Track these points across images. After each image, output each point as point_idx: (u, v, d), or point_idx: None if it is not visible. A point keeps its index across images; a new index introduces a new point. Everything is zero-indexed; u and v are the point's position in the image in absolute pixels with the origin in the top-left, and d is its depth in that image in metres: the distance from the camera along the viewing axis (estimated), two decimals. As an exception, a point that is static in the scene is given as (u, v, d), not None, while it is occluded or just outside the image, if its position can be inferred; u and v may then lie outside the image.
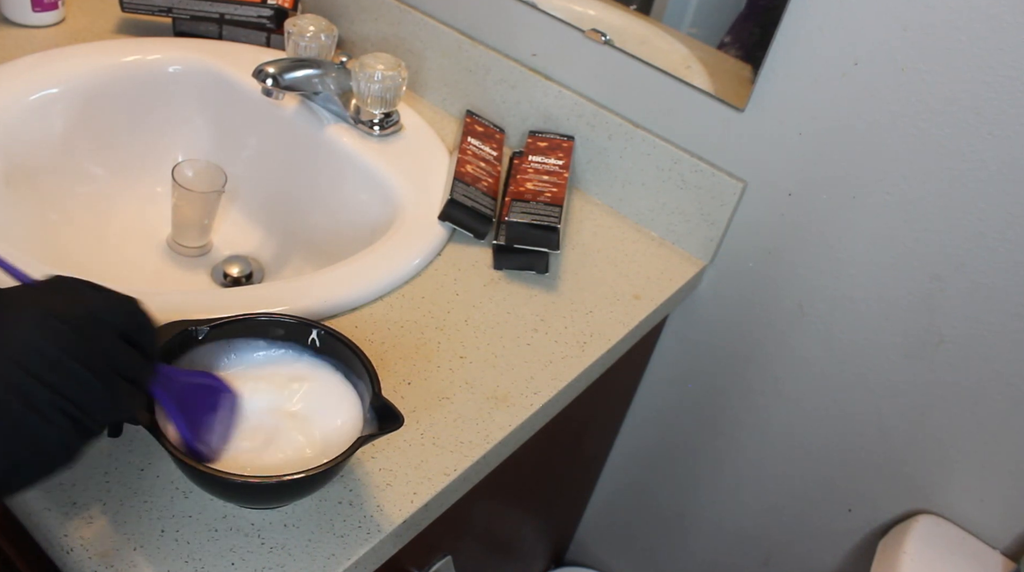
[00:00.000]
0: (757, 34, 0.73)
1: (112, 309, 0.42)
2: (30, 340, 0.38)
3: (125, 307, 0.43)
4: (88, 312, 0.41)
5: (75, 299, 0.41)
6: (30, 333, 0.38)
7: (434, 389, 0.64)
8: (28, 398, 0.37)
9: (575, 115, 0.87)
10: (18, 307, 0.39)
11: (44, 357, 0.38)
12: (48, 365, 0.38)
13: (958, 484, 0.80)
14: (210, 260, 0.88)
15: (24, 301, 0.40)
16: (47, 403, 0.38)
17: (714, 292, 0.88)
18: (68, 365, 0.39)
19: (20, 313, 0.39)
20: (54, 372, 0.38)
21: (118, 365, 0.41)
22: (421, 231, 0.76)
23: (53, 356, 0.38)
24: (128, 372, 0.42)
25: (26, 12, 0.92)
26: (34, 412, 0.37)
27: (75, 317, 0.40)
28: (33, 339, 0.38)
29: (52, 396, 0.38)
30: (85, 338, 0.40)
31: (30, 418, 0.37)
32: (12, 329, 0.38)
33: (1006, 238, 0.68)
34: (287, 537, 0.52)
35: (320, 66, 0.84)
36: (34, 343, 0.38)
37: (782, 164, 0.77)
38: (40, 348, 0.38)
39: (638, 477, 1.09)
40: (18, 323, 0.38)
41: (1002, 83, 0.63)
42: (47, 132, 0.82)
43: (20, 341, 0.38)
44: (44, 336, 0.38)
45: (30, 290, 0.41)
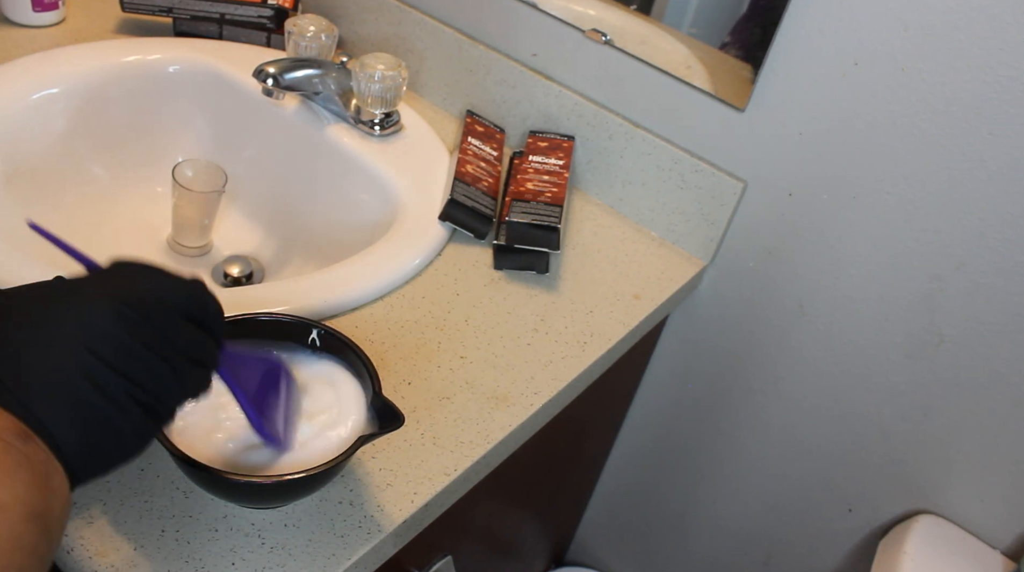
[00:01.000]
0: (758, 34, 0.73)
1: (178, 292, 0.42)
2: (101, 327, 0.38)
3: (190, 289, 0.43)
4: (155, 296, 0.41)
5: (141, 283, 0.41)
6: (101, 320, 0.38)
7: (434, 389, 0.64)
8: (102, 386, 0.37)
9: (575, 115, 0.87)
10: (86, 295, 0.39)
11: (116, 344, 0.38)
12: (120, 352, 0.38)
13: (958, 484, 0.80)
14: (210, 260, 0.88)
15: (91, 288, 0.40)
16: (121, 391, 0.38)
17: (714, 292, 0.88)
18: (139, 352, 0.39)
19: (89, 300, 0.38)
20: (126, 359, 0.38)
21: (186, 349, 0.41)
22: (421, 231, 0.76)
23: (125, 343, 0.38)
24: (196, 355, 0.42)
25: (26, 12, 0.92)
26: (108, 400, 0.37)
27: (143, 302, 0.40)
28: (104, 326, 0.38)
29: (125, 384, 0.38)
30: (154, 323, 0.40)
31: (105, 406, 0.37)
32: (82, 316, 0.38)
33: (1006, 238, 0.68)
34: (287, 537, 0.52)
35: (320, 66, 0.84)
36: (105, 330, 0.38)
37: (782, 164, 0.77)
38: (111, 335, 0.38)
39: (638, 477, 1.09)
40: (88, 310, 0.38)
41: (1002, 83, 0.63)
42: (47, 132, 0.82)
43: (91, 328, 0.38)
44: (115, 323, 0.38)
45: (96, 277, 0.41)
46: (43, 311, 0.38)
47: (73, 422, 0.37)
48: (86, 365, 0.37)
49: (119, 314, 0.38)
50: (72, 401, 0.37)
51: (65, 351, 0.37)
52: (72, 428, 0.37)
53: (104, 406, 0.37)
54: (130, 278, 0.41)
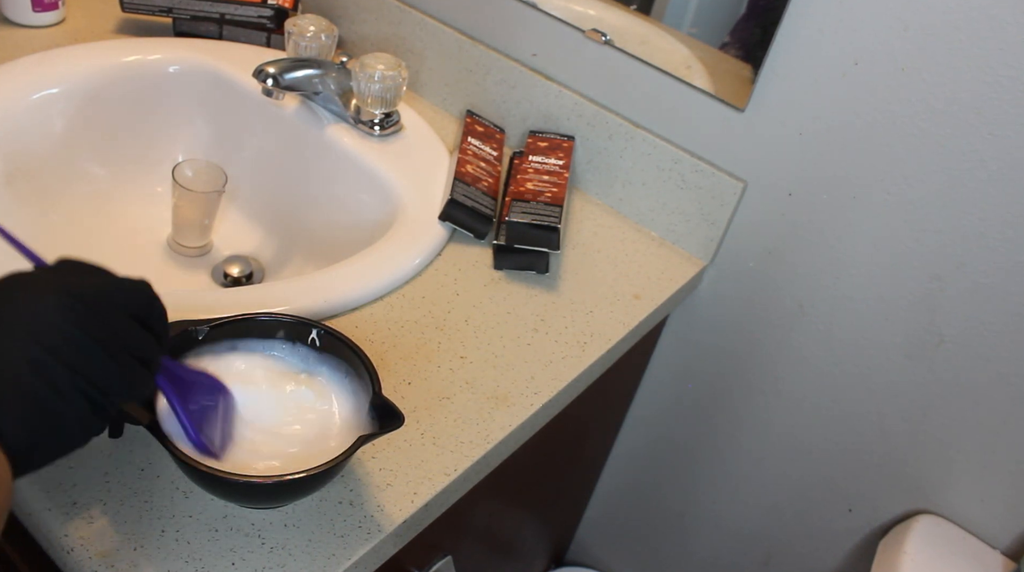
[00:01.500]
0: (758, 34, 0.73)
1: (125, 290, 0.43)
2: (50, 319, 0.38)
3: (137, 289, 0.43)
4: (104, 292, 0.41)
5: (89, 279, 0.41)
6: (49, 312, 0.38)
7: (434, 389, 0.64)
8: (48, 377, 0.37)
9: (575, 115, 0.87)
10: (35, 287, 0.39)
11: (64, 337, 0.38)
12: (67, 345, 0.38)
13: (958, 484, 0.80)
14: (210, 260, 0.88)
15: (40, 281, 0.40)
16: (67, 382, 0.38)
17: (714, 292, 0.88)
18: (87, 345, 0.39)
19: (38, 293, 0.39)
20: (73, 352, 0.38)
21: (133, 346, 0.41)
22: (421, 231, 0.76)
23: (72, 336, 0.38)
24: (141, 354, 0.42)
25: (26, 12, 0.92)
26: (54, 391, 0.38)
27: (91, 297, 0.40)
28: (53, 318, 0.38)
29: (72, 376, 0.38)
30: (102, 318, 0.40)
31: (50, 397, 0.37)
32: (31, 309, 0.38)
33: (1006, 238, 0.68)
34: (287, 537, 0.52)
35: (320, 66, 0.84)
36: (54, 322, 0.38)
37: (782, 164, 0.77)
38: (60, 327, 0.38)
39: (638, 477, 1.09)
40: (36, 303, 0.38)
41: (1002, 83, 0.63)
42: (47, 132, 0.82)
43: (40, 320, 0.38)
44: (63, 315, 0.38)
45: (44, 272, 0.41)
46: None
47: (20, 413, 0.37)
48: (34, 357, 0.37)
49: (68, 307, 0.39)
50: (19, 392, 0.37)
51: (13, 343, 0.37)
52: (18, 419, 0.37)
53: (51, 398, 0.38)
54: (78, 274, 0.42)
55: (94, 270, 0.43)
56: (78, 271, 0.42)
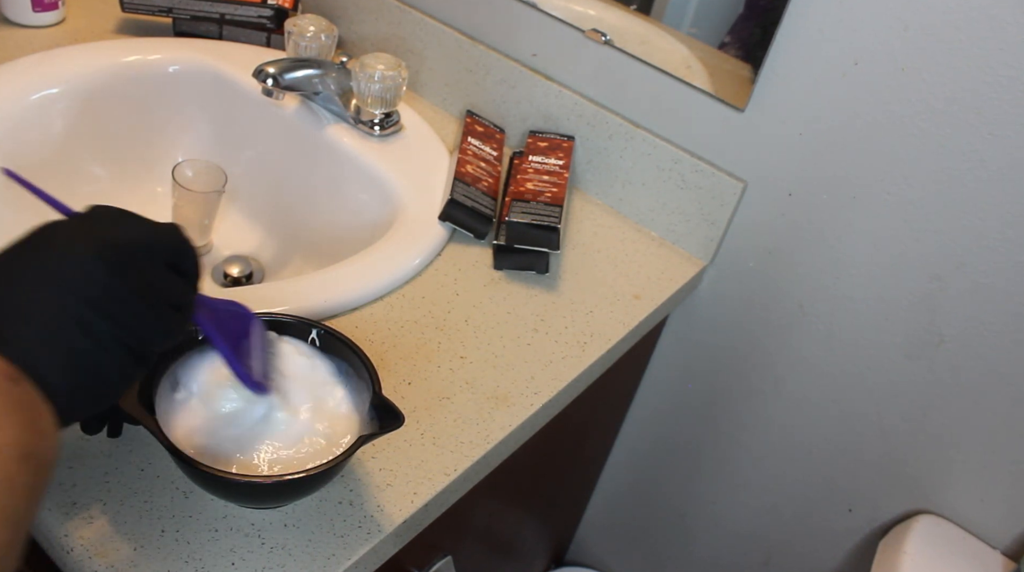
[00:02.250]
0: (757, 34, 0.73)
1: (159, 238, 0.43)
2: (87, 271, 0.38)
3: (171, 235, 0.44)
4: (137, 240, 0.41)
5: (123, 228, 0.42)
6: (87, 264, 0.38)
7: (434, 389, 0.64)
8: (89, 329, 0.38)
9: (575, 115, 0.87)
10: (71, 238, 0.39)
11: (101, 287, 0.38)
12: (106, 296, 0.38)
13: (958, 484, 0.80)
14: (210, 260, 0.88)
15: (76, 231, 0.40)
16: (107, 333, 0.38)
17: (714, 292, 0.88)
18: (124, 295, 0.39)
19: (74, 245, 0.39)
20: (112, 302, 0.38)
21: (168, 293, 0.42)
22: (421, 231, 0.76)
23: (110, 286, 0.39)
24: (176, 300, 0.43)
25: (26, 12, 0.92)
26: (95, 342, 0.38)
27: (126, 247, 0.40)
28: (90, 270, 0.38)
29: (110, 326, 0.38)
30: (137, 267, 0.40)
31: (92, 348, 0.38)
32: (68, 261, 0.38)
33: (1006, 238, 0.68)
34: (287, 537, 0.52)
35: (320, 66, 0.84)
36: (91, 274, 0.38)
37: (782, 164, 0.77)
38: (97, 279, 0.38)
39: (638, 477, 1.09)
40: (72, 253, 0.38)
41: (1002, 83, 0.63)
42: (47, 132, 0.82)
43: (78, 272, 0.38)
44: (100, 267, 0.38)
45: (77, 221, 0.41)
46: (29, 257, 0.39)
47: (62, 364, 0.37)
48: (74, 308, 0.37)
49: (104, 258, 0.39)
50: (61, 343, 0.37)
51: (53, 295, 0.37)
52: (61, 370, 0.37)
53: (92, 348, 0.38)
54: (111, 223, 0.42)
55: (126, 216, 0.43)
56: (111, 218, 0.42)
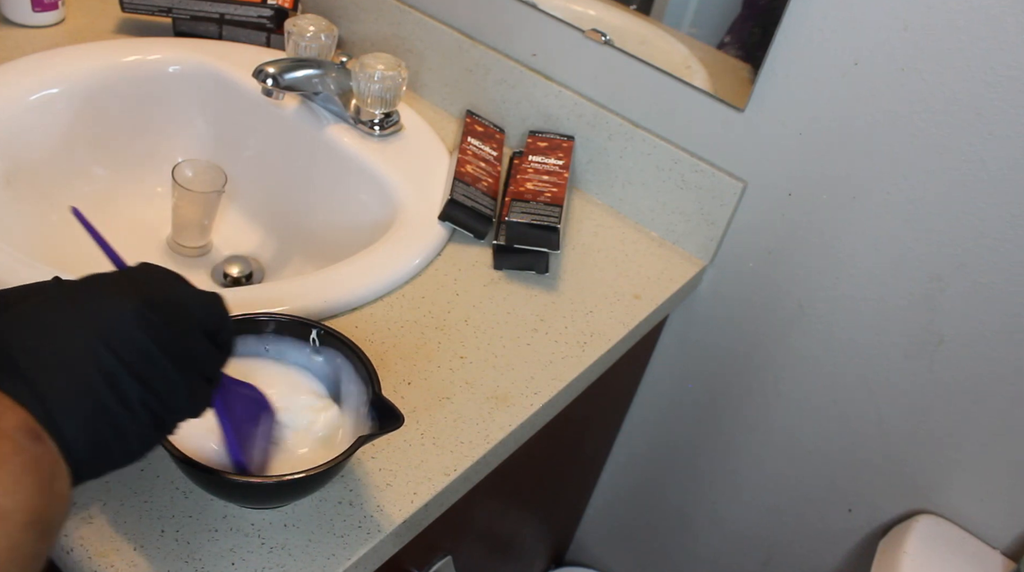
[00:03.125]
0: (757, 34, 0.73)
1: (201, 304, 0.42)
2: (127, 329, 0.37)
3: (212, 303, 0.43)
4: (180, 306, 0.41)
5: (166, 289, 0.41)
6: (127, 322, 0.38)
7: (434, 389, 0.64)
8: (119, 389, 0.37)
9: (575, 115, 0.87)
10: (115, 293, 0.39)
11: (139, 349, 0.38)
12: (141, 357, 0.38)
13: (958, 484, 0.80)
14: (210, 260, 0.88)
15: (121, 287, 0.39)
16: (136, 397, 0.37)
17: (714, 292, 0.88)
18: (160, 361, 0.38)
19: (115, 299, 0.38)
20: (146, 365, 0.38)
21: (201, 363, 0.41)
22: (421, 231, 0.76)
23: (147, 349, 0.38)
24: (208, 372, 0.42)
25: (26, 12, 0.92)
26: (123, 405, 0.37)
27: (169, 311, 0.40)
28: (130, 329, 0.38)
29: (142, 390, 0.37)
30: (177, 333, 0.39)
31: (118, 409, 0.37)
32: (107, 314, 0.37)
33: (1006, 238, 0.68)
34: (287, 537, 0.52)
35: (320, 66, 0.84)
36: (130, 333, 0.37)
37: (782, 164, 0.77)
38: (136, 339, 0.38)
39: (638, 477, 1.09)
40: (113, 309, 0.38)
41: (1002, 83, 0.63)
42: (47, 132, 0.82)
43: (117, 329, 0.37)
44: (140, 327, 0.38)
45: (124, 276, 0.41)
46: (68, 303, 0.38)
47: (86, 423, 0.36)
48: (107, 366, 0.37)
49: (145, 319, 0.38)
50: (88, 402, 0.36)
51: (87, 348, 0.36)
52: (84, 429, 0.36)
53: (119, 411, 0.37)
54: (156, 282, 0.41)
55: (172, 279, 0.42)
56: (157, 279, 0.42)
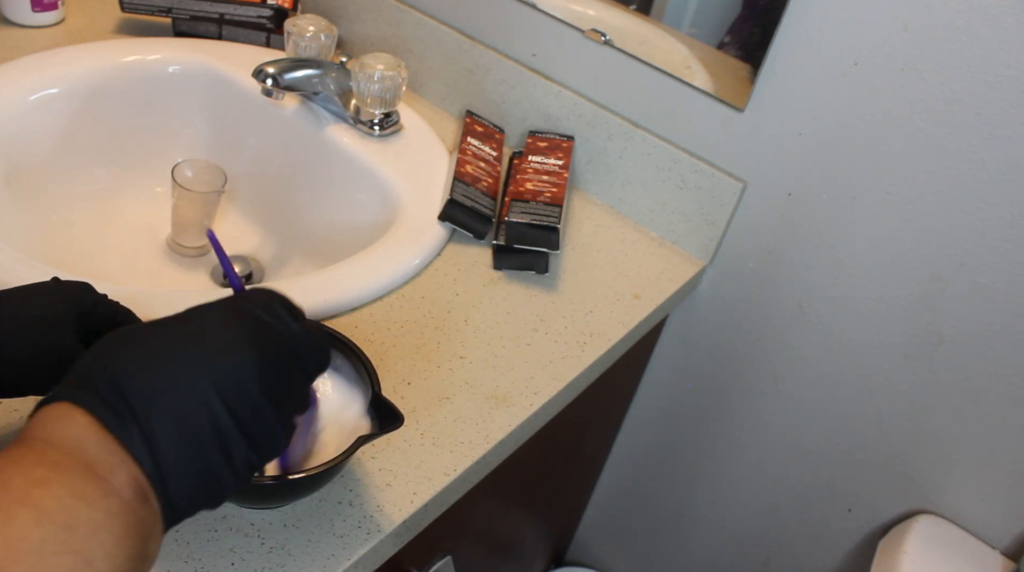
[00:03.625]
0: (757, 34, 0.73)
1: (314, 353, 0.42)
2: (246, 388, 0.36)
3: (323, 349, 0.42)
4: (296, 357, 0.40)
5: (285, 339, 0.40)
6: (247, 380, 0.36)
7: (434, 389, 0.64)
8: (228, 449, 0.36)
9: (575, 115, 0.87)
10: (236, 343, 0.37)
11: (253, 407, 0.37)
12: (254, 415, 0.37)
13: (958, 484, 0.80)
14: (210, 260, 0.88)
15: (241, 336, 0.37)
16: (240, 453, 0.36)
17: (714, 292, 0.88)
18: (270, 417, 0.37)
19: (239, 354, 0.37)
20: (256, 422, 0.37)
21: (300, 408, 0.41)
22: (421, 231, 0.76)
23: (261, 407, 0.37)
24: (301, 410, 0.42)
25: (26, 12, 0.92)
26: (228, 463, 0.36)
27: (285, 363, 0.39)
28: (249, 388, 0.36)
29: (247, 448, 0.36)
30: (288, 386, 0.39)
31: (223, 468, 0.36)
32: (231, 370, 0.36)
33: (1006, 238, 0.68)
34: (287, 537, 0.52)
35: (320, 66, 0.84)
36: (249, 392, 0.36)
37: (782, 164, 0.77)
38: (253, 398, 0.36)
39: (638, 477, 1.09)
40: (237, 366, 0.36)
41: (1002, 83, 0.63)
42: (47, 132, 0.82)
43: (237, 386, 0.36)
44: (258, 384, 0.37)
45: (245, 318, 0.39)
46: (189, 348, 0.36)
47: (191, 483, 0.35)
48: (222, 425, 0.35)
49: (263, 375, 0.37)
50: (198, 462, 0.35)
51: (205, 404, 0.35)
52: (188, 488, 0.35)
53: (223, 469, 0.36)
54: (276, 326, 0.40)
55: (289, 319, 0.40)
56: (276, 323, 0.40)
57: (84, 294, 0.48)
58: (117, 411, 0.33)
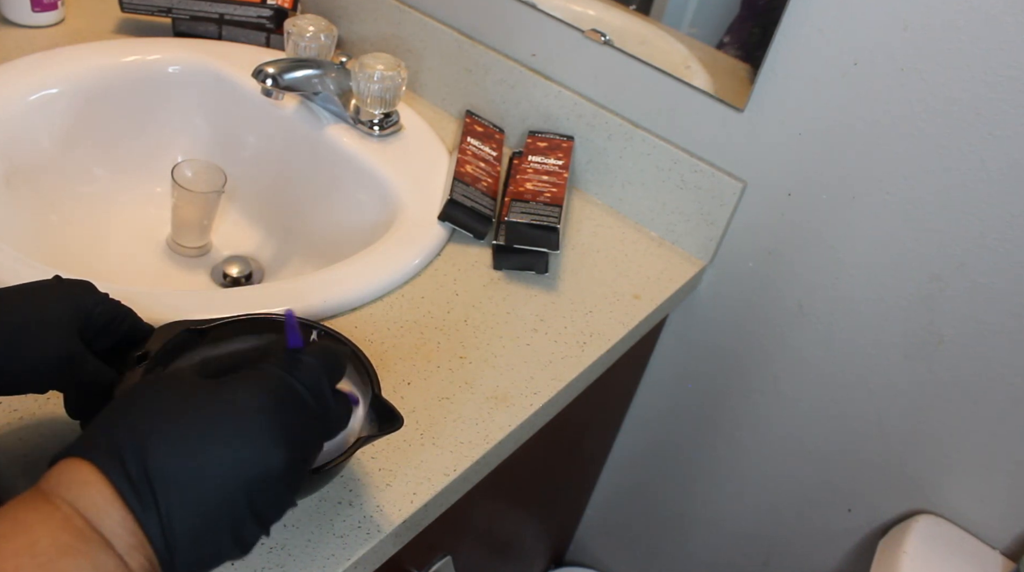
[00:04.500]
0: (757, 34, 0.73)
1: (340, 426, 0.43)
2: (271, 488, 0.37)
3: (346, 419, 0.44)
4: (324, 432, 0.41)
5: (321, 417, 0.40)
6: (274, 480, 0.37)
7: (434, 389, 0.64)
8: (242, 536, 0.37)
9: (575, 115, 0.87)
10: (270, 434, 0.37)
11: (274, 496, 0.37)
12: (274, 505, 0.38)
13: (958, 484, 0.80)
14: (210, 260, 0.88)
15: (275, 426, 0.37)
16: (252, 535, 0.37)
17: (714, 292, 0.88)
18: (286, 500, 0.38)
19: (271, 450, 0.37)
20: (276, 512, 0.38)
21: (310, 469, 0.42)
22: (421, 231, 0.76)
23: (281, 495, 0.38)
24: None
25: (26, 12, 0.92)
26: (237, 544, 0.37)
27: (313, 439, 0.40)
28: (274, 477, 0.37)
29: (257, 534, 0.37)
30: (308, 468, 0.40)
31: (231, 547, 0.37)
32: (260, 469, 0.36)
33: (1006, 238, 0.68)
34: (287, 537, 0.52)
35: (320, 66, 0.84)
36: (273, 491, 0.37)
37: (782, 164, 0.77)
38: (274, 485, 0.37)
39: (638, 477, 1.09)
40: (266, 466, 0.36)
41: (1002, 83, 0.63)
42: (47, 132, 0.82)
43: (263, 474, 0.36)
44: (283, 483, 0.37)
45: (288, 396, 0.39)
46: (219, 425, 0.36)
47: (199, 563, 0.36)
48: (239, 514, 0.36)
49: (290, 465, 0.37)
50: (212, 550, 0.36)
51: (228, 499, 0.35)
52: (195, 567, 0.36)
53: (231, 551, 0.37)
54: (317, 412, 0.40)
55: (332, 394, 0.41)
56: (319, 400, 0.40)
57: (85, 293, 0.48)
58: (140, 491, 0.34)
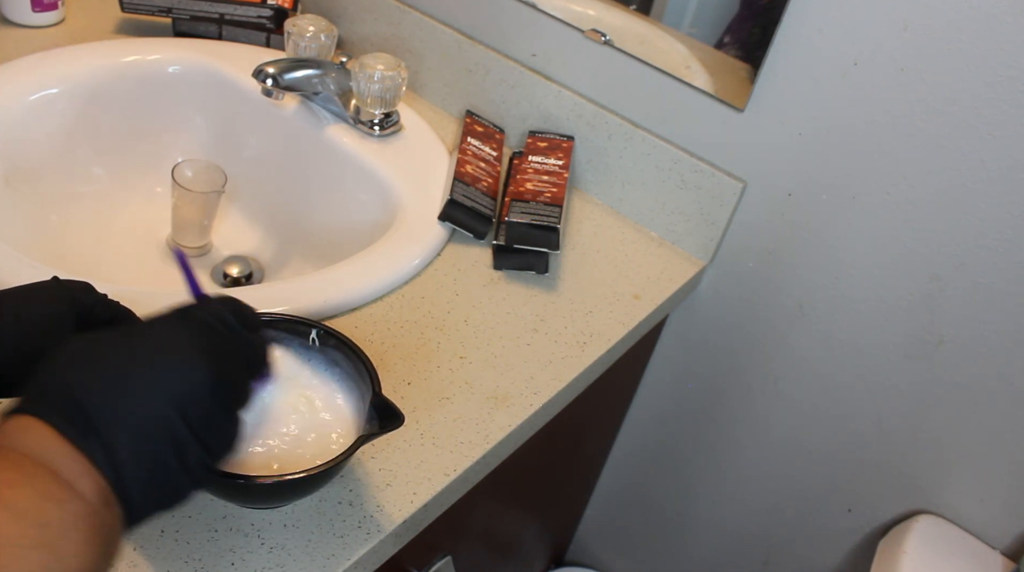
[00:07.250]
0: (757, 34, 0.73)
1: (259, 360, 0.45)
2: (201, 400, 0.38)
3: (265, 355, 0.45)
4: (244, 367, 0.43)
5: (234, 349, 0.42)
6: (201, 394, 0.38)
7: (434, 389, 0.64)
8: (185, 455, 0.38)
9: (575, 115, 0.87)
10: (190, 359, 0.39)
11: (207, 415, 0.38)
12: (209, 423, 0.39)
13: (958, 484, 0.80)
14: (210, 260, 0.88)
15: (194, 351, 0.39)
16: (194, 456, 0.38)
17: (714, 292, 0.88)
18: (223, 422, 0.40)
19: (193, 370, 0.39)
20: (210, 429, 0.39)
21: (247, 404, 0.43)
22: (421, 231, 0.76)
23: (214, 415, 0.39)
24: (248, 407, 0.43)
25: (26, 12, 0.92)
26: (184, 467, 0.38)
27: (235, 373, 0.41)
28: (203, 399, 0.38)
29: (202, 452, 0.38)
30: (238, 393, 0.42)
31: (180, 473, 0.38)
32: (185, 385, 0.38)
33: (1006, 238, 0.68)
34: (287, 537, 0.52)
35: (320, 66, 0.84)
36: (203, 403, 0.38)
37: (782, 164, 0.77)
38: (208, 408, 0.38)
39: (638, 477, 1.09)
40: (191, 382, 0.38)
41: (1002, 83, 0.63)
42: (47, 132, 0.82)
43: (192, 399, 0.38)
44: (212, 396, 0.39)
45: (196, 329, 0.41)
46: (146, 362, 0.38)
47: (151, 489, 0.37)
48: (179, 435, 0.37)
49: (216, 387, 0.39)
50: (157, 469, 0.37)
51: (163, 416, 0.37)
52: (148, 495, 0.37)
53: (180, 474, 0.38)
54: (223, 333, 0.42)
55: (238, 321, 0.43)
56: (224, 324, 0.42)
57: (84, 294, 0.48)
58: (77, 424, 0.35)
